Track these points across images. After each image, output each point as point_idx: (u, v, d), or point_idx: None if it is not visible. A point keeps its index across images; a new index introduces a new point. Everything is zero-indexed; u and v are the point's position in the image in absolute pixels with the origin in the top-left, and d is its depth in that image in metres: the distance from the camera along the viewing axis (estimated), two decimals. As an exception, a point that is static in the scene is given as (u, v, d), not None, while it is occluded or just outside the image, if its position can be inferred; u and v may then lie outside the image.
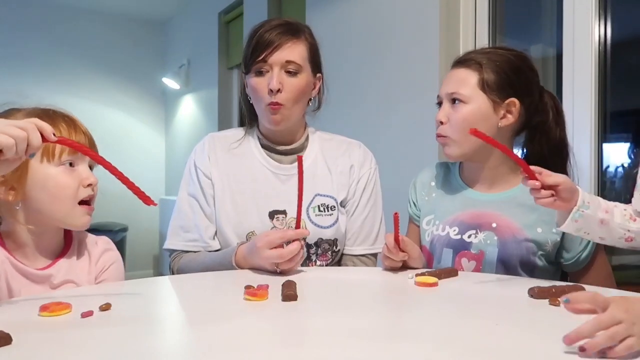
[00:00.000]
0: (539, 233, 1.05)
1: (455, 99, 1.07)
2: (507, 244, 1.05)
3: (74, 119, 0.94)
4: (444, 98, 1.10)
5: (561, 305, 0.77)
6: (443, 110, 1.09)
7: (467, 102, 1.06)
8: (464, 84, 1.07)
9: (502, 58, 1.08)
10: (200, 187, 1.19)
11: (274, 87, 1.10)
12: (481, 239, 1.07)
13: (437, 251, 1.13)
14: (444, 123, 1.08)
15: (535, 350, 0.59)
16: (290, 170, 1.21)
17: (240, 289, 0.83)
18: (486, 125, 1.05)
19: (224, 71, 3.90)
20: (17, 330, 0.61)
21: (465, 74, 1.08)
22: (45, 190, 0.87)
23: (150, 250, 4.75)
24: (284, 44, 1.12)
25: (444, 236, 1.12)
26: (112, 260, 1.01)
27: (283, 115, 1.14)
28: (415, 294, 0.87)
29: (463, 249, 1.09)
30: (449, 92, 1.08)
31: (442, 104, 1.10)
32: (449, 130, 1.08)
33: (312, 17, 2.72)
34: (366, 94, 2.32)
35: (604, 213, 0.90)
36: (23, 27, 4.26)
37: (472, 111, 1.06)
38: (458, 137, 1.07)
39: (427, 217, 1.18)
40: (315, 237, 1.17)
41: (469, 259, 1.09)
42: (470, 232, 1.09)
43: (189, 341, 0.65)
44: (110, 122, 4.62)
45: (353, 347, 0.60)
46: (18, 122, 0.69)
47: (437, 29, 1.95)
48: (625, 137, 1.71)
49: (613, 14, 1.60)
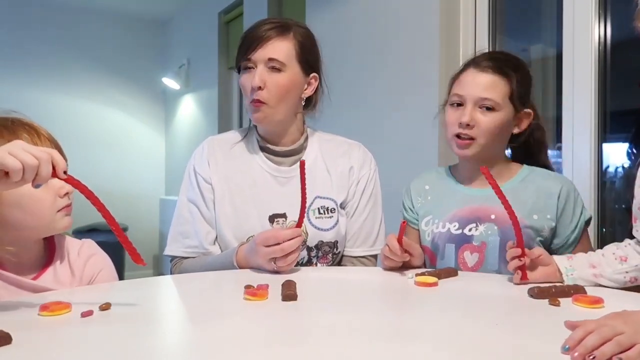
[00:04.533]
0: (535, 220, 1.09)
1: (487, 106, 1.09)
2: (508, 232, 1.06)
3: (35, 127, 0.90)
4: (470, 101, 1.10)
5: (561, 305, 0.77)
6: (469, 113, 1.09)
7: (498, 110, 1.09)
8: (495, 91, 1.09)
9: (523, 69, 1.14)
10: (200, 193, 1.19)
11: (254, 84, 1.11)
12: (482, 230, 1.10)
13: (439, 247, 1.15)
14: (470, 125, 1.09)
15: (535, 350, 0.59)
16: (289, 173, 1.20)
17: (240, 289, 0.83)
18: (505, 133, 1.13)
19: (224, 71, 3.90)
20: (17, 330, 0.61)
21: (496, 81, 1.10)
22: (21, 208, 0.85)
23: (150, 250, 4.75)
24: (267, 41, 1.12)
25: (445, 232, 1.14)
26: (99, 268, 0.99)
27: (265, 113, 1.14)
28: (415, 294, 0.87)
29: (465, 243, 1.11)
30: (481, 96, 1.09)
31: (465, 106, 1.10)
32: (477, 133, 1.09)
33: (312, 17, 2.72)
34: (366, 94, 2.32)
35: (592, 269, 0.94)
36: (23, 27, 4.26)
37: (501, 119, 1.10)
38: (485, 141, 1.10)
39: (425, 218, 1.20)
40: (316, 240, 1.17)
41: (471, 252, 1.11)
42: (471, 226, 1.12)
43: (188, 341, 0.65)
44: (110, 122, 4.62)
45: (353, 347, 0.60)
46: (34, 150, 0.68)
47: (437, 29, 1.94)
48: (625, 137, 1.71)
49: (613, 14, 1.60)
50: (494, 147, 1.13)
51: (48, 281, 0.91)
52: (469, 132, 1.10)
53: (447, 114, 1.15)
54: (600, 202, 1.62)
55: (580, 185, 1.59)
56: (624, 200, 0.97)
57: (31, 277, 0.90)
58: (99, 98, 4.57)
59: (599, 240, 1.61)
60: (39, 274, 0.91)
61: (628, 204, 0.96)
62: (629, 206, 0.97)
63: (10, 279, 0.86)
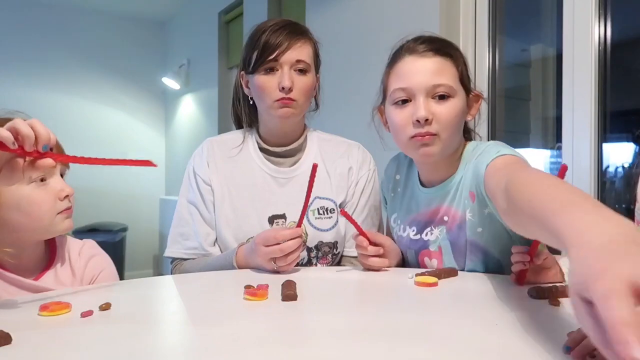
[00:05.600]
0: (470, 216, 0.98)
1: (442, 94, 0.95)
2: (456, 234, 1.01)
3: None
4: (420, 92, 0.94)
5: (561, 305, 0.77)
6: (424, 106, 0.94)
7: (454, 96, 0.96)
8: (445, 75, 0.95)
9: (459, 49, 1.02)
10: (200, 194, 1.19)
11: (286, 85, 1.11)
12: (437, 234, 1.04)
13: (403, 252, 1.13)
14: (429, 120, 0.94)
15: (535, 350, 0.59)
16: (289, 174, 1.21)
17: (240, 289, 0.83)
18: (462, 121, 0.99)
19: (224, 71, 3.90)
20: (17, 329, 0.61)
21: (443, 64, 0.96)
22: (20, 210, 0.83)
23: (150, 250, 4.75)
24: (295, 44, 1.13)
25: (405, 237, 1.11)
26: (100, 268, 0.98)
27: (294, 110, 1.15)
28: (415, 294, 0.87)
29: (423, 248, 1.07)
30: (432, 83, 0.94)
31: (415, 99, 0.95)
32: (438, 128, 0.95)
33: (312, 17, 2.72)
34: (366, 94, 2.32)
35: None
36: (23, 27, 4.26)
37: (459, 106, 0.96)
38: (447, 134, 0.96)
39: (393, 215, 1.17)
40: (315, 240, 1.17)
41: (429, 258, 1.07)
42: (427, 230, 1.06)
43: (188, 341, 0.65)
44: (110, 122, 4.63)
45: (353, 347, 0.60)
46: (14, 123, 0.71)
47: (437, 29, 1.94)
48: (625, 137, 1.71)
49: (613, 14, 1.60)
50: (455, 141, 0.99)
51: (49, 282, 0.90)
52: (428, 129, 0.94)
53: (391, 116, 0.99)
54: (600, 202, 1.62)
55: (581, 185, 1.59)
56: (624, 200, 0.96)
57: (32, 278, 0.89)
58: (99, 98, 4.57)
59: (599, 240, 1.60)
60: (40, 275, 0.91)
61: (628, 204, 0.96)
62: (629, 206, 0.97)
63: (11, 280, 0.86)
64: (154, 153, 4.92)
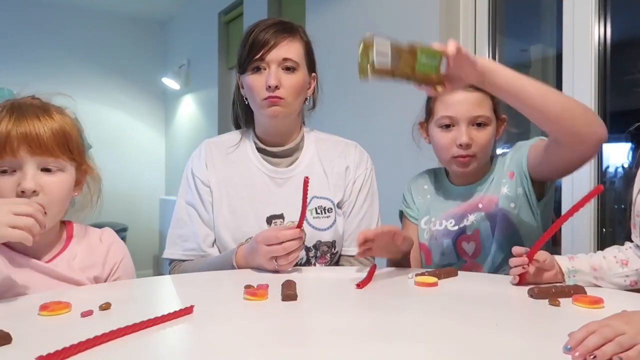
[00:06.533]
0: (507, 191, 1.14)
1: (479, 122, 1.14)
2: (492, 213, 1.14)
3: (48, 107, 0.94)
4: (463, 121, 1.13)
5: (561, 306, 0.77)
6: (467, 133, 1.13)
7: (489, 124, 1.15)
8: (484, 107, 1.14)
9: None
10: (198, 196, 1.19)
11: (272, 83, 1.11)
12: (472, 220, 1.17)
13: (438, 243, 1.20)
14: (470, 145, 1.13)
15: (535, 350, 0.59)
16: (286, 174, 1.21)
17: (240, 289, 0.83)
18: (494, 141, 1.19)
19: (224, 71, 3.90)
20: (17, 329, 0.61)
21: (482, 97, 1.14)
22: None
23: (150, 250, 4.75)
24: (281, 42, 1.13)
25: (442, 229, 1.20)
26: (121, 256, 1.00)
27: (282, 108, 1.14)
28: (415, 294, 0.88)
29: (461, 234, 1.18)
30: (473, 115, 1.13)
31: (459, 126, 1.14)
32: (476, 150, 1.14)
33: (311, 17, 2.72)
34: (366, 94, 2.32)
35: (593, 271, 0.93)
36: (23, 27, 4.26)
37: (492, 132, 1.16)
38: (483, 155, 1.16)
39: (424, 217, 1.26)
40: (314, 240, 1.17)
41: (467, 242, 1.17)
42: (464, 219, 1.18)
43: (188, 341, 0.65)
44: (110, 122, 4.62)
45: (353, 347, 0.60)
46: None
47: (437, 29, 1.94)
48: (624, 137, 1.71)
49: (613, 14, 1.60)
50: (487, 157, 1.20)
51: (62, 266, 0.91)
52: (468, 152, 1.14)
53: (437, 137, 1.18)
54: (600, 202, 1.62)
55: (580, 185, 1.59)
56: (624, 201, 0.97)
57: (45, 260, 0.90)
58: (99, 98, 4.57)
59: (598, 240, 1.61)
60: (53, 258, 0.91)
61: (627, 204, 0.96)
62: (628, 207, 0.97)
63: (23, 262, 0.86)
64: (154, 153, 4.92)
